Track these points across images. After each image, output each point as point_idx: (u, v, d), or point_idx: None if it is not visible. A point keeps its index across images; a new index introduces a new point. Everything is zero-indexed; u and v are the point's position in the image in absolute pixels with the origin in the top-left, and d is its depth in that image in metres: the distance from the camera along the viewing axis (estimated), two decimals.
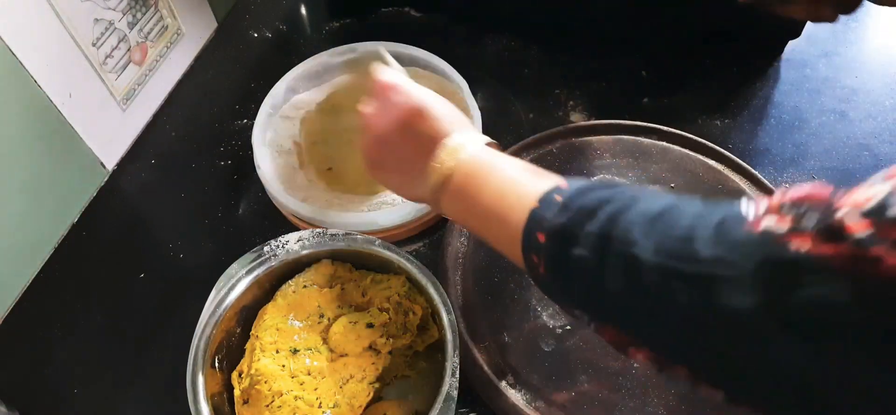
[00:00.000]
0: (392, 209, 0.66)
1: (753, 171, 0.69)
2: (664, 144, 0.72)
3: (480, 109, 0.73)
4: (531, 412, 0.55)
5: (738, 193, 0.66)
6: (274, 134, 0.75)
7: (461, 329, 0.59)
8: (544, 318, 0.59)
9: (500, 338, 0.59)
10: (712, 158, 0.70)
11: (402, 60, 0.80)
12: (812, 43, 0.84)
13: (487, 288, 0.62)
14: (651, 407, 0.55)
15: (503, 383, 0.57)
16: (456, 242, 0.66)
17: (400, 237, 0.68)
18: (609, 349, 0.57)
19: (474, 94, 0.75)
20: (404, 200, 0.68)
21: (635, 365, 0.56)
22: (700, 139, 0.71)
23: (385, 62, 0.58)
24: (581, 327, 0.59)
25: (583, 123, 0.75)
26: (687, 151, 0.71)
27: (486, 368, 0.57)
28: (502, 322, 0.60)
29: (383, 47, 0.67)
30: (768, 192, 0.67)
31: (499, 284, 0.62)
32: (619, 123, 0.74)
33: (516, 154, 0.72)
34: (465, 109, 0.74)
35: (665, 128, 0.73)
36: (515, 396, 0.56)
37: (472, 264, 0.64)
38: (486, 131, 0.76)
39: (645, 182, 0.69)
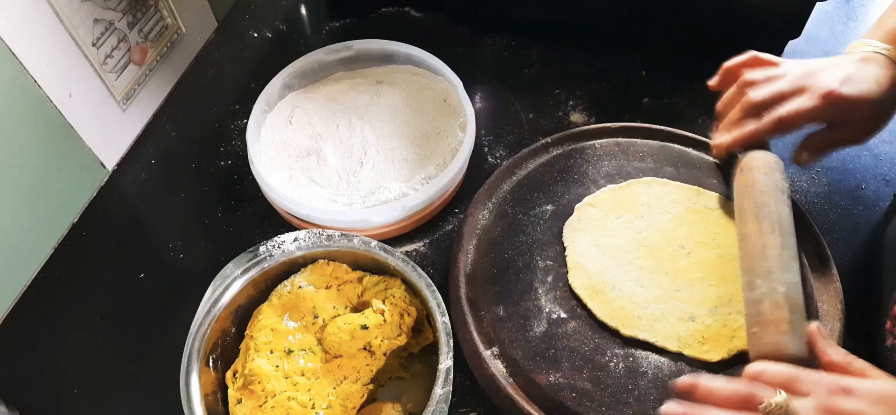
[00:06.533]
0: (385, 207, 0.67)
1: None
2: (665, 143, 0.71)
3: (480, 109, 0.73)
4: (508, 386, 0.55)
5: None
6: (269, 132, 0.75)
7: (463, 295, 0.61)
8: (542, 301, 0.60)
9: (496, 310, 0.59)
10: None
11: (399, 59, 0.80)
12: (812, 43, 0.83)
13: (496, 261, 0.63)
14: (624, 408, 0.54)
15: (488, 353, 0.57)
16: (479, 213, 0.67)
17: (394, 235, 0.69)
18: (597, 344, 0.57)
19: (474, 94, 0.75)
20: (397, 196, 0.68)
21: (619, 365, 0.56)
22: (700, 139, 0.71)
23: None
24: (576, 318, 0.59)
25: (582, 127, 0.74)
26: (688, 150, 0.70)
27: (475, 335, 0.58)
28: (502, 296, 0.60)
29: None
30: None
31: (507, 260, 0.63)
32: (619, 125, 0.73)
33: (518, 163, 0.71)
34: (458, 107, 0.74)
35: (666, 128, 0.72)
36: (497, 367, 0.57)
37: (489, 236, 0.65)
38: (486, 131, 0.77)
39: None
